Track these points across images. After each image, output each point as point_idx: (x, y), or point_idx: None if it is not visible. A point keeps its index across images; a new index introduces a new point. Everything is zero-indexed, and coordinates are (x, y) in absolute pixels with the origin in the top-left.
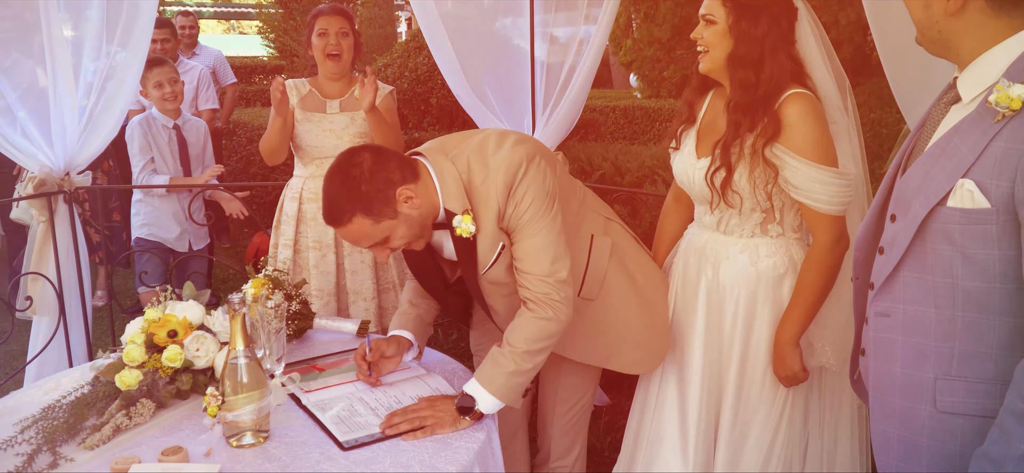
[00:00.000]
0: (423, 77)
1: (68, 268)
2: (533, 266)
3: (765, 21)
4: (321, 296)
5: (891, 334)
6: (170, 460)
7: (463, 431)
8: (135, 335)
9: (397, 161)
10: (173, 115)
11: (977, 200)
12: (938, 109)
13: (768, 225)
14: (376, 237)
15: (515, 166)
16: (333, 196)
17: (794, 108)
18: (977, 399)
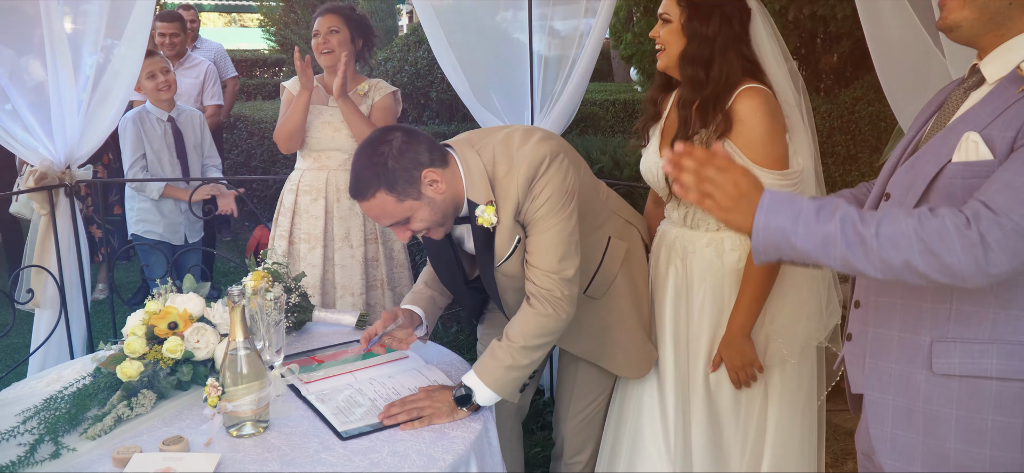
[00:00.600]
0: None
1: (69, 261)
2: (541, 260)
3: (717, 21)
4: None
5: (891, 299)
6: (171, 449)
7: (460, 422)
8: (136, 327)
9: (427, 144)
10: (167, 107)
11: (981, 151)
12: (957, 95)
13: None
14: (397, 216)
15: (538, 161)
16: (360, 170)
17: (746, 103)
18: (973, 360)
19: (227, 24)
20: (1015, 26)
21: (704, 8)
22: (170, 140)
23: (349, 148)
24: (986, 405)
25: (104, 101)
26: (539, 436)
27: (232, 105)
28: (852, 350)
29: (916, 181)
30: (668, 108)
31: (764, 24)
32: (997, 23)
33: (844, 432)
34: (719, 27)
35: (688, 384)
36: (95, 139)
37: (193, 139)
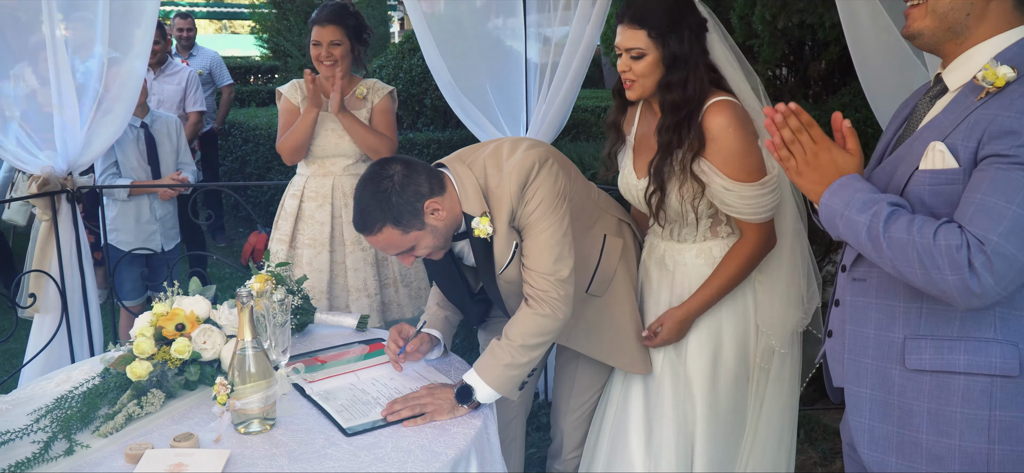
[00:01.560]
0: (417, 78)
1: (70, 266)
2: (537, 263)
3: (687, 39)
4: (313, 293)
5: (866, 298)
6: (182, 445)
7: (461, 418)
8: (144, 328)
9: (426, 174)
10: (140, 113)
11: (946, 160)
12: (924, 104)
13: (717, 227)
14: (404, 246)
15: (528, 168)
16: (364, 206)
17: (717, 119)
18: (942, 355)
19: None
20: (974, 36)
21: (675, 32)
22: (143, 146)
23: (352, 153)
24: (955, 398)
25: (109, 111)
26: (533, 437)
27: (227, 112)
28: (833, 346)
29: (890, 187)
30: (635, 126)
31: (716, 30)
32: (956, 32)
33: (833, 432)
34: (690, 44)
35: (690, 389)
36: (98, 146)
37: (168, 145)
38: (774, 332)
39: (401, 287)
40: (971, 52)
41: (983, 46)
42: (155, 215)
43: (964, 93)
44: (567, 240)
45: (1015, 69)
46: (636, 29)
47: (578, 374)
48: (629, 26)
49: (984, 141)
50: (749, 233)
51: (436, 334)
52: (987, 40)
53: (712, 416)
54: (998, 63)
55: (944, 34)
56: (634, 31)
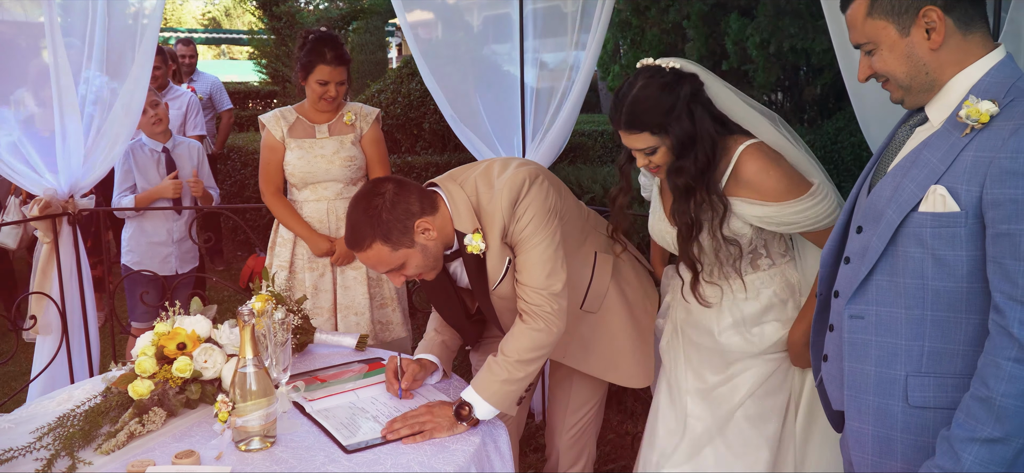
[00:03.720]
0: (416, 102)
1: (71, 288)
2: (530, 278)
3: (686, 115)
4: (321, 314)
5: (865, 336)
6: (184, 462)
7: (460, 435)
8: (146, 347)
9: (417, 193)
10: (162, 138)
11: (948, 204)
12: (904, 131)
13: (758, 261)
14: (393, 264)
15: (518, 184)
16: (355, 222)
17: (751, 164)
18: (947, 393)
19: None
20: (944, 76)
21: (676, 116)
22: (163, 170)
23: (343, 176)
24: None
25: (106, 136)
26: (532, 458)
27: (227, 136)
28: (829, 370)
29: (882, 226)
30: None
31: (710, 78)
32: (928, 89)
33: None
34: (692, 117)
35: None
36: (99, 170)
37: (188, 167)
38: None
39: (396, 307)
40: (949, 85)
41: (959, 78)
42: (171, 238)
43: (947, 129)
44: (559, 255)
45: (996, 102)
46: (637, 133)
47: (573, 391)
48: (628, 132)
49: (987, 185)
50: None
51: (433, 359)
52: (963, 71)
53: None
54: (979, 99)
55: (920, 95)
56: (636, 135)
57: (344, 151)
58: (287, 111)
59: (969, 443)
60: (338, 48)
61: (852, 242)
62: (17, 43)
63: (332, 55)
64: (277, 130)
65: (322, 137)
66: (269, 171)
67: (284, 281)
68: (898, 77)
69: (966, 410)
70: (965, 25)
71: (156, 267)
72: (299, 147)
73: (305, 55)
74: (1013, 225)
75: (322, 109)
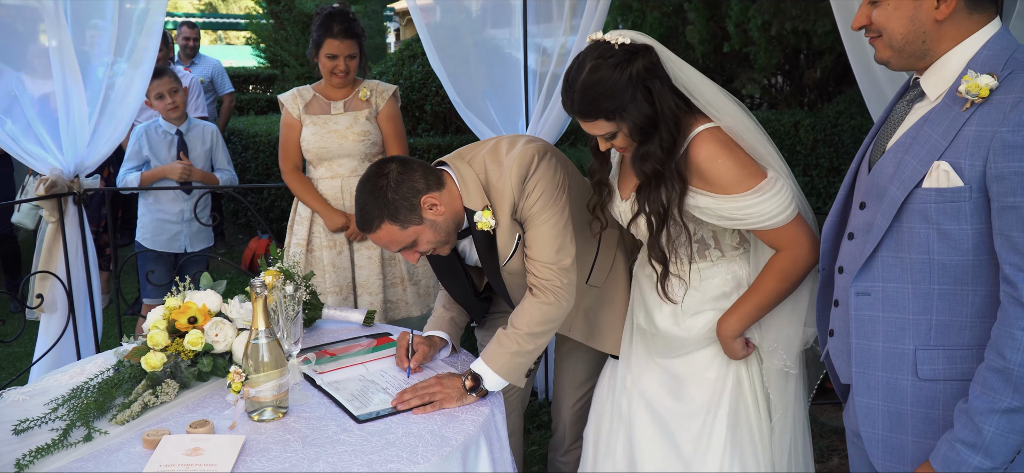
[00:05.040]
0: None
1: (77, 268)
2: (540, 253)
3: (643, 95)
4: (340, 291)
5: (872, 312)
6: (198, 432)
7: (469, 405)
8: (158, 321)
9: (422, 171)
10: (177, 122)
11: (952, 179)
12: (901, 107)
13: (706, 251)
14: (404, 242)
15: (527, 161)
16: (363, 204)
17: (702, 151)
18: (955, 365)
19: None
20: (939, 51)
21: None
22: (175, 151)
23: (358, 153)
24: None
25: (111, 118)
26: (535, 436)
27: (228, 120)
28: (836, 345)
29: (886, 203)
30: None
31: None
32: (919, 56)
33: (830, 429)
34: (649, 97)
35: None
36: (102, 151)
37: (199, 149)
38: (785, 349)
39: (409, 285)
40: (945, 59)
41: (955, 52)
42: (182, 217)
43: (946, 104)
44: (568, 230)
45: (995, 76)
46: (592, 120)
47: (578, 366)
48: (583, 119)
49: (991, 159)
50: (785, 245)
51: (443, 335)
52: (959, 45)
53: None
54: (977, 73)
55: (909, 59)
56: (591, 122)
57: (358, 127)
58: (304, 89)
59: (989, 414)
60: (346, 22)
61: (855, 218)
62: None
63: (339, 29)
64: (294, 108)
65: (337, 113)
66: (287, 148)
67: (303, 259)
68: (894, 37)
69: (983, 382)
70: (974, 3)
71: (167, 245)
72: (313, 123)
73: (315, 31)
74: (1019, 198)
75: (334, 84)
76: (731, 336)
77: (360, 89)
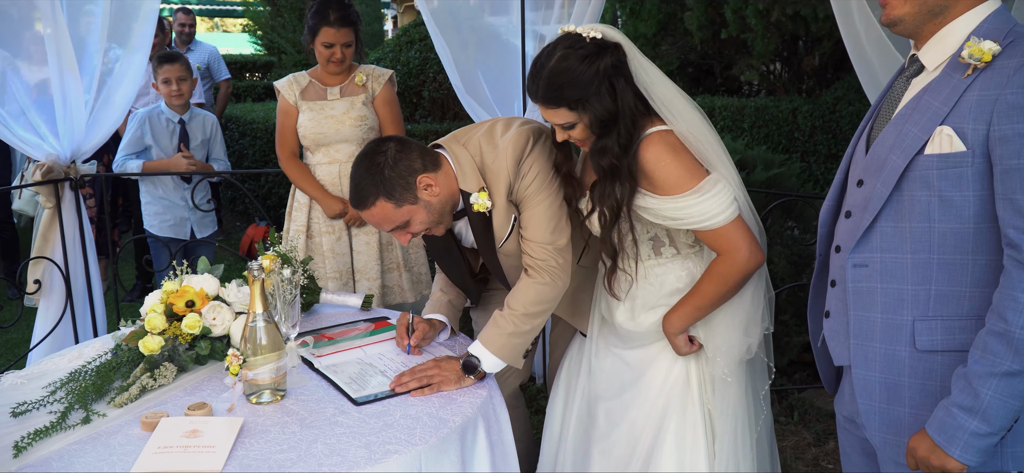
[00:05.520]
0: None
1: (74, 254)
2: (535, 233)
3: (607, 91)
4: (340, 277)
5: (870, 283)
6: (197, 414)
7: (467, 388)
8: (155, 305)
9: (419, 151)
10: (180, 110)
11: (955, 144)
12: (900, 83)
13: (660, 248)
14: (397, 221)
15: (522, 143)
16: (358, 181)
17: (649, 153)
18: (954, 336)
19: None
20: (952, 14)
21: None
22: (176, 140)
23: (355, 137)
24: None
25: (107, 104)
26: (533, 420)
27: (225, 107)
28: (831, 326)
29: (887, 172)
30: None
31: (633, 51)
32: (935, 13)
33: (827, 413)
34: (613, 93)
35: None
36: (100, 136)
37: (199, 136)
38: (723, 356)
39: (404, 271)
40: (946, 30)
41: (957, 23)
42: (187, 204)
43: (948, 72)
44: (563, 211)
45: (998, 43)
46: (554, 108)
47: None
48: (545, 106)
49: (994, 122)
50: (724, 249)
51: (441, 318)
52: (960, 17)
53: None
54: (980, 39)
55: (925, 17)
56: (553, 110)
57: (354, 112)
58: (300, 75)
59: (988, 378)
60: (342, 10)
61: (852, 196)
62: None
63: (336, 17)
64: (290, 94)
65: (333, 99)
66: (284, 135)
67: (302, 245)
68: None
69: (983, 346)
70: None
71: (174, 232)
72: (310, 109)
73: (311, 18)
74: (1023, 160)
75: (331, 71)
76: (673, 333)
77: (356, 74)
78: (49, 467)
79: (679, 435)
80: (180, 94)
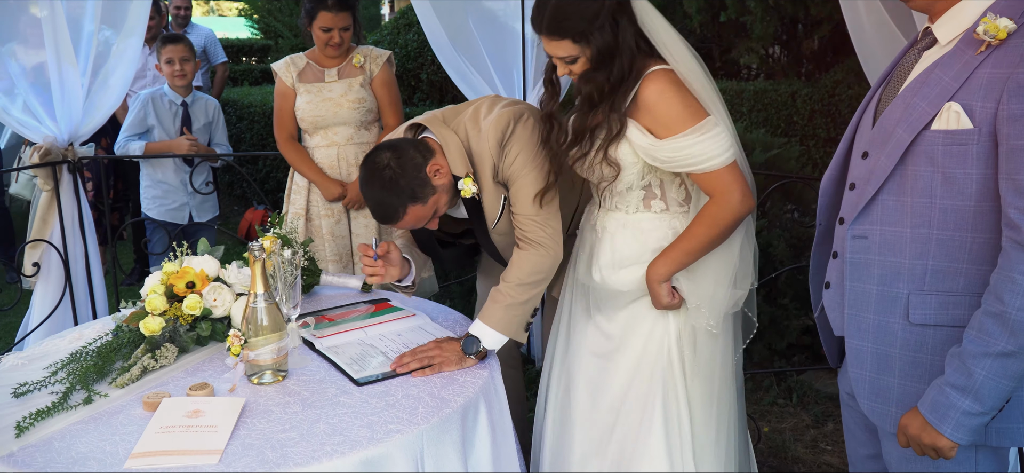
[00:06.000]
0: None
1: (73, 237)
2: (523, 207)
3: (610, 27)
4: (340, 259)
5: (868, 255)
6: (198, 394)
7: (468, 368)
8: (156, 286)
9: (412, 147)
10: (183, 92)
11: (962, 121)
12: (911, 55)
13: (651, 201)
14: (428, 215)
15: (503, 125)
16: (380, 200)
17: (652, 87)
18: (947, 311)
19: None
20: None
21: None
22: (179, 123)
23: (353, 120)
24: None
25: (104, 87)
26: (532, 402)
27: (222, 90)
28: (831, 296)
29: (892, 145)
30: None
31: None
32: None
33: (825, 395)
34: (615, 30)
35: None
36: (97, 119)
37: (202, 120)
38: (709, 309)
39: None
40: (962, 5)
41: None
42: (186, 188)
43: (960, 47)
44: (550, 181)
45: (1015, 21)
46: (558, 40)
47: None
48: (550, 38)
49: (1004, 100)
50: (718, 191)
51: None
52: None
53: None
54: (997, 16)
55: None
56: (557, 42)
57: (352, 94)
58: (297, 57)
59: (982, 358)
60: None
61: (856, 168)
62: None
63: (333, 1)
64: (287, 76)
65: (331, 81)
66: (282, 118)
67: (302, 228)
68: None
69: (978, 327)
70: None
71: (173, 216)
72: (308, 91)
73: (308, 2)
74: None
75: (329, 55)
76: (658, 280)
77: (354, 55)
78: (51, 447)
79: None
80: (183, 74)
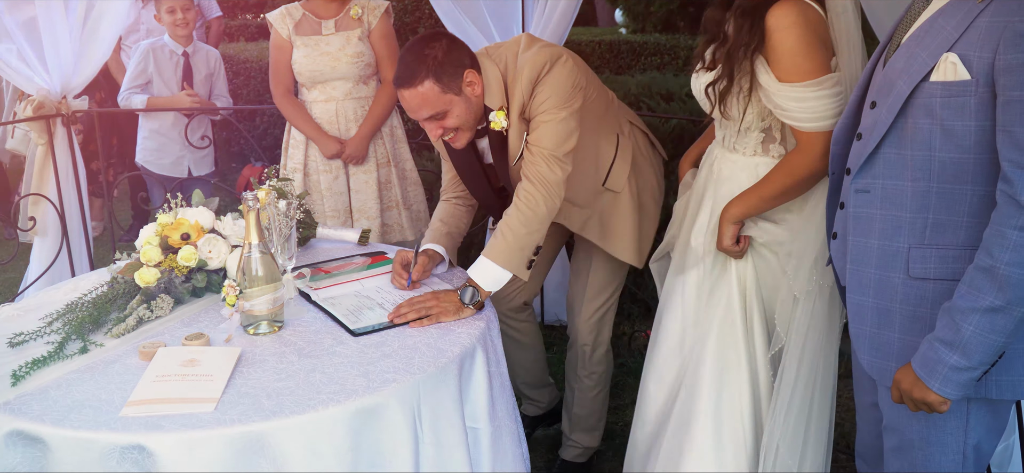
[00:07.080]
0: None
1: (68, 191)
2: (541, 140)
3: None
4: (338, 216)
5: (870, 209)
6: (194, 344)
7: (466, 319)
8: (151, 237)
9: (469, 52)
10: (184, 42)
11: (959, 72)
12: (920, 2)
13: (769, 145)
14: (438, 107)
15: (540, 65)
16: (409, 61)
17: (777, 14)
18: (947, 264)
19: None
20: None
21: None
22: (180, 73)
23: (351, 74)
24: None
25: (94, 37)
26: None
27: (218, 45)
28: (837, 247)
29: (892, 97)
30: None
31: None
32: None
33: None
34: None
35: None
36: (88, 71)
37: (203, 71)
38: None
39: (403, 209)
40: None
41: None
42: (183, 140)
43: None
44: (575, 134)
45: None
46: None
47: (595, 277)
48: None
49: (1000, 50)
50: (803, 144)
51: (439, 249)
52: None
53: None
54: None
55: None
56: None
57: (351, 47)
58: (293, 8)
59: (970, 313)
60: None
61: (865, 118)
62: None
63: None
64: (283, 28)
65: (328, 34)
66: (278, 71)
67: (299, 184)
68: None
69: (969, 282)
70: None
71: (171, 169)
72: (305, 45)
73: None
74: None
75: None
76: (729, 219)
77: (351, 7)
78: (47, 395)
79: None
80: (185, 23)
